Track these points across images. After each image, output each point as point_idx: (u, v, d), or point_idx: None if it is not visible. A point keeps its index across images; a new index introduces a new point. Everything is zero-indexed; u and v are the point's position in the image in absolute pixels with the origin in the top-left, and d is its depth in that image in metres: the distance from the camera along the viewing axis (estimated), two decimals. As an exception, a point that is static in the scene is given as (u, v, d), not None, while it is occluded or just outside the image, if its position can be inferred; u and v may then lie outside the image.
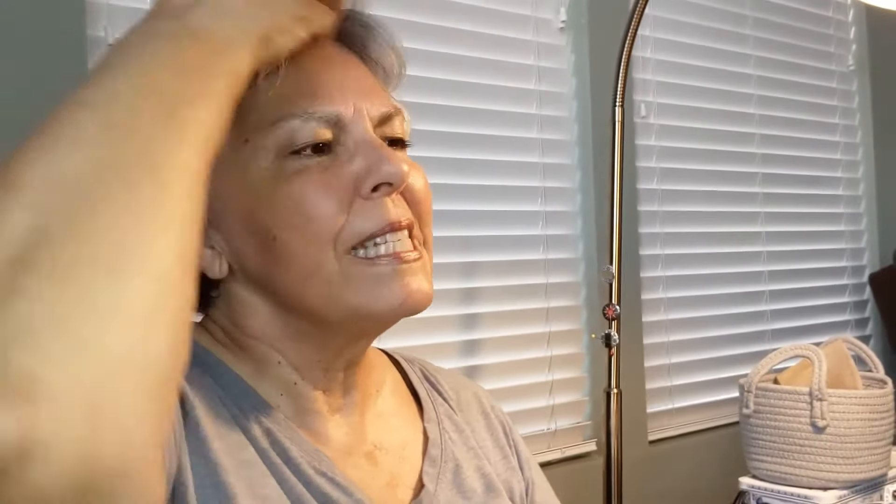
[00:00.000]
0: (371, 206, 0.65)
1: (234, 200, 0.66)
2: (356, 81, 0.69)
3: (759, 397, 1.50)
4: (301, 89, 0.65)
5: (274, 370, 0.69)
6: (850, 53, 2.51)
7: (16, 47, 1.15)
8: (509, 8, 1.72)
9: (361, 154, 0.65)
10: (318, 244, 0.64)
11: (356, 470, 0.70)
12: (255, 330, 0.69)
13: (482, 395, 0.90)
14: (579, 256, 1.81)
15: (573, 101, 1.82)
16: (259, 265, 0.66)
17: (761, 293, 2.20)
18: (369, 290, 0.64)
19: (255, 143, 0.65)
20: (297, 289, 0.65)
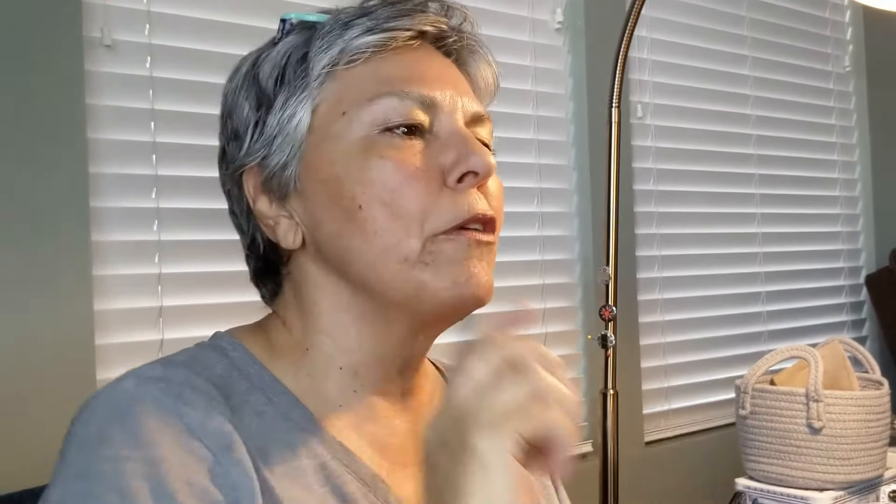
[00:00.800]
0: (458, 195, 0.66)
1: (323, 169, 0.67)
2: (453, 79, 0.71)
3: (756, 398, 1.50)
4: (402, 73, 0.68)
5: (335, 378, 0.69)
6: (846, 54, 2.52)
7: (13, 48, 1.15)
8: (506, 9, 1.72)
9: (452, 144, 0.67)
10: (403, 222, 0.65)
11: (412, 481, 0.70)
12: (322, 317, 0.69)
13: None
14: (575, 257, 1.81)
15: (569, 102, 1.82)
16: (337, 235, 0.67)
17: (758, 294, 2.20)
18: (441, 266, 0.65)
19: (351, 116, 0.67)
20: (371, 260, 0.66)
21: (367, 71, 0.68)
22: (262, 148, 0.69)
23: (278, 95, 0.68)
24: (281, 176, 0.68)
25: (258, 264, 0.74)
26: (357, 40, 0.67)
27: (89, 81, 1.22)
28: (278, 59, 0.69)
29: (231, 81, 0.73)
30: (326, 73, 0.67)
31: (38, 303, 1.15)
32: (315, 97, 0.68)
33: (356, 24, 0.68)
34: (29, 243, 1.15)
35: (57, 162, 1.17)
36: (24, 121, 1.15)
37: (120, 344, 1.24)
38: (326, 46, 0.67)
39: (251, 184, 0.70)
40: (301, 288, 0.71)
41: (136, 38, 1.28)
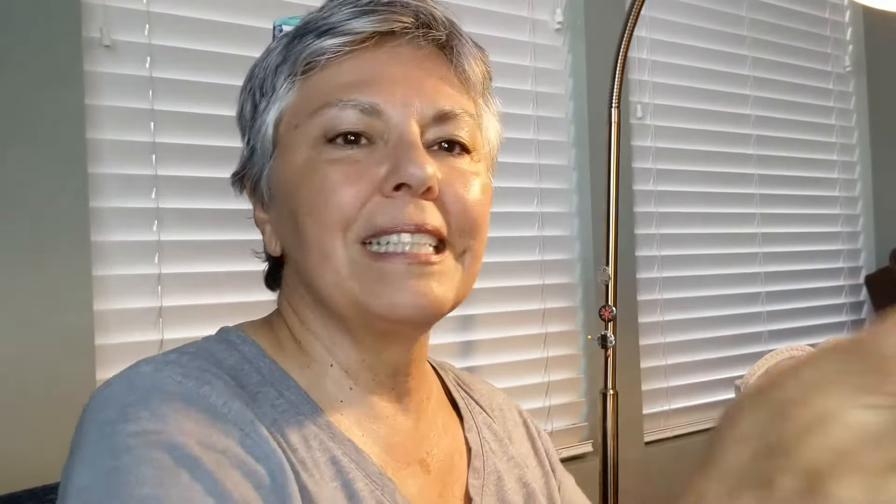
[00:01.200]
0: (388, 203, 0.64)
1: (281, 182, 0.68)
2: (418, 78, 0.67)
3: (756, 398, 1.50)
4: (350, 79, 0.66)
5: (331, 374, 0.69)
6: (846, 54, 2.52)
7: (12, 48, 1.14)
8: (506, 9, 1.72)
9: (391, 153, 0.65)
10: (329, 231, 0.64)
11: (414, 479, 0.70)
12: (308, 321, 0.70)
13: (511, 402, 0.90)
14: (575, 258, 1.81)
15: (569, 103, 1.82)
16: (292, 247, 0.69)
17: (757, 294, 2.20)
18: (372, 285, 0.64)
19: (301, 129, 0.67)
20: (313, 274, 0.66)
21: (322, 80, 0.67)
22: (249, 157, 0.71)
23: (261, 106, 0.70)
24: (258, 184, 0.71)
25: (270, 263, 0.76)
26: (313, 45, 0.66)
27: (89, 82, 1.22)
28: (261, 69, 0.71)
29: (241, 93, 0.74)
30: (289, 83, 0.67)
31: (37, 303, 1.15)
32: (279, 109, 0.68)
33: (313, 28, 0.67)
34: (29, 243, 1.15)
35: (57, 162, 1.17)
36: (24, 121, 1.15)
37: (120, 344, 1.24)
38: (286, 56, 0.68)
39: (246, 189, 0.73)
40: (291, 290, 0.72)
41: (135, 39, 1.28)
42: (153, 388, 0.60)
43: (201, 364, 0.64)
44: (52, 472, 0.97)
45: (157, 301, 1.28)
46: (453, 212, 0.67)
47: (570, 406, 1.77)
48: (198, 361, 0.64)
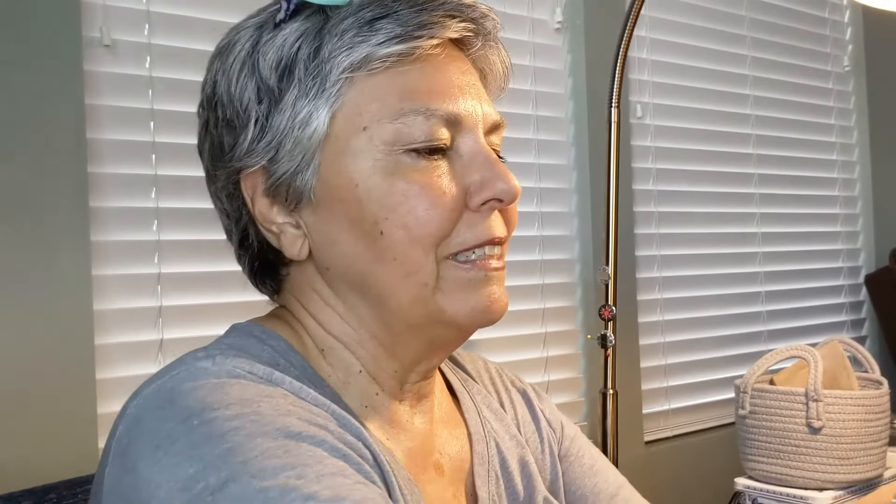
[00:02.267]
0: (479, 218, 0.65)
1: (343, 187, 0.63)
2: (475, 87, 0.67)
3: (755, 398, 1.50)
4: (425, 86, 0.64)
5: (356, 380, 0.68)
6: (846, 54, 2.52)
7: (12, 47, 1.14)
8: (505, 8, 1.72)
9: (476, 166, 0.64)
10: (424, 247, 0.63)
11: (432, 485, 0.69)
12: (334, 329, 0.67)
13: (501, 369, 0.89)
14: (575, 257, 1.81)
15: (569, 102, 1.82)
16: (354, 256, 0.64)
17: (757, 294, 2.20)
18: (458, 294, 0.64)
19: (373, 132, 0.63)
20: (391, 284, 0.64)
21: (388, 81, 0.63)
22: (266, 151, 0.64)
23: (285, 92, 0.63)
24: (291, 184, 0.64)
25: (254, 263, 0.71)
26: (384, 48, 0.62)
27: (88, 81, 1.22)
28: (286, 48, 0.64)
29: (222, 61, 0.68)
30: (346, 77, 0.63)
31: (37, 303, 1.15)
32: (332, 103, 0.63)
33: (381, 26, 0.62)
34: (29, 243, 1.15)
35: (56, 162, 1.17)
36: (24, 121, 1.15)
37: (119, 344, 1.24)
38: (347, 48, 0.62)
39: (250, 185, 0.66)
40: (306, 295, 0.68)
41: (135, 38, 1.28)
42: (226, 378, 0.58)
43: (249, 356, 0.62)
44: (53, 472, 0.97)
45: (157, 301, 1.28)
46: (509, 221, 0.68)
47: (570, 406, 1.77)
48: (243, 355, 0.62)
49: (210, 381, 0.57)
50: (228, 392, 0.56)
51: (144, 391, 0.59)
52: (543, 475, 0.80)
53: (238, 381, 0.57)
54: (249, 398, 0.56)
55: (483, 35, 0.68)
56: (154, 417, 0.56)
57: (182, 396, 0.56)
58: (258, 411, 0.55)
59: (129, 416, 0.57)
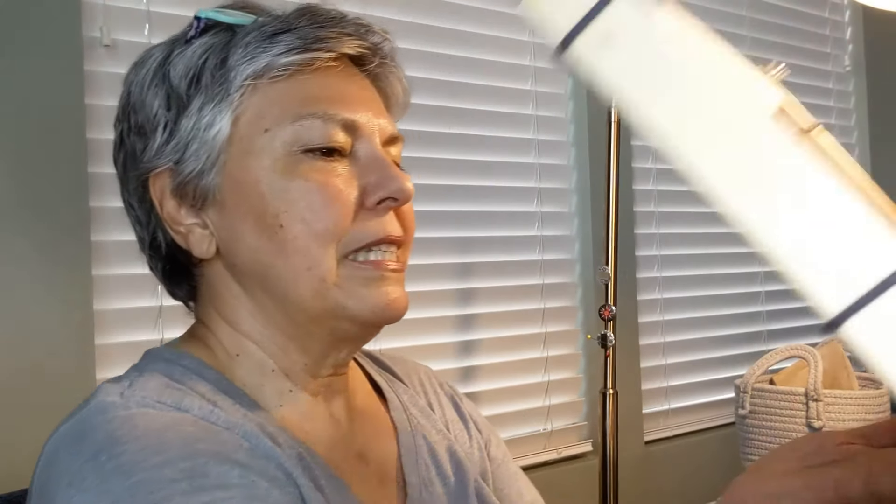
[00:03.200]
0: (374, 216, 0.69)
1: (246, 184, 0.68)
2: (372, 101, 0.73)
3: (755, 398, 1.51)
4: (325, 93, 0.69)
5: (270, 380, 0.71)
6: (846, 54, 2.52)
7: (12, 47, 1.15)
8: (505, 8, 1.72)
9: (372, 168, 0.69)
10: (323, 242, 0.67)
11: (354, 474, 0.72)
12: (244, 326, 0.71)
13: (430, 373, 0.93)
14: (575, 257, 1.81)
15: (569, 102, 1.82)
16: (256, 250, 0.68)
17: (757, 294, 2.20)
18: (357, 290, 0.68)
19: (274, 134, 0.68)
20: (290, 278, 0.67)
21: (289, 88, 0.68)
22: (174, 152, 0.69)
23: (193, 98, 0.68)
24: (197, 184, 0.69)
25: (165, 265, 0.75)
26: (283, 57, 0.67)
27: (89, 81, 1.22)
28: (194, 59, 0.69)
29: (136, 72, 0.72)
30: (248, 84, 0.68)
31: (37, 302, 1.15)
32: (235, 108, 0.68)
33: (281, 39, 0.68)
34: (28, 243, 1.15)
35: (57, 162, 1.17)
36: (24, 121, 1.15)
37: (120, 344, 1.24)
38: (250, 58, 0.67)
39: (159, 186, 0.70)
40: (218, 295, 0.72)
41: (135, 38, 1.28)
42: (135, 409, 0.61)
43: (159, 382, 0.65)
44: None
45: (157, 301, 1.28)
46: (406, 223, 0.72)
47: (570, 406, 1.77)
48: (155, 380, 0.65)
49: (118, 415, 0.60)
50: (136, 424, 0.59)
51: (60, 429, 0.62)
52: (473, 466, 0.83)
53: (146, 411, 0.61)
54: (157, 429, 0.59)
55: (379, 55, 0.74)
56: (67, 455, 0.59)
57: (92, 432, 0.59)
58: (165, 441, 0.58)
59: (46, 454, 0.61)
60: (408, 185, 0.69)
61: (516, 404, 1.67)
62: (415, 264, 1.54)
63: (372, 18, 0.75)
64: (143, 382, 0.64)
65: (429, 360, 1.56)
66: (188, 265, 0.73)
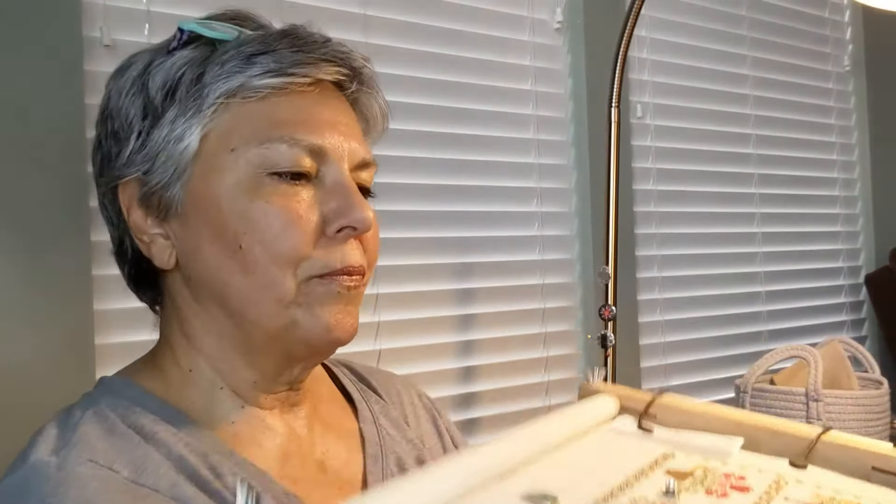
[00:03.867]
0: (335, 244, 0.69)
1: (208, 201, 0.68)
2: (345, 125, 0.72)
3: (756, 398, 1.51)
4: (295, 117, 0.69)
5: (220, 398, 0.72)
6: (846, 54, 2.52)
7: (12, 47, 1.14)
8: (505, 8, 1.72)
9: (335, 194, 0.69)
10: (281, 264, 0.67)
11: (312, 483, 0.73)
12: (197, 341, 0.72)
13: (410, 385, 0.94)
14: (575, 257, 1.81)
15: (569, 102, 1.82)
16: (216, 268, 0.69)
17: (757, 294, 2.20)
18: (313, 307, 0.69)
19: (240, 154, 0.68)
20: (247, 296, 0.68)
21: (260, 109, 0.69)
22: (143, 162, 0.69)
23: (167, 110, 0.69)
24: (162, 195, 0.69)
25: (130, 269, 0.76)
26: (258, 80, 0.68)
27: (89, 81, 1.22)
28: (172, 72, 0.70)
29: (117, 79, 0.73)
30: (221, 102, 0.68)
31: (37, 302, 1.15)
32: (206, 124, 0.68)
33: (258, 61, 0.68)
34: (28, 243, 1.15)
35: (56, 162, 1.17)
36: (24, 120, 1.15)
37: (120, 344, 1.24)
38: (225, 76, 0.68)
39: (127, 194, 0.71)
40: (177, 307, 0.73)
41: (135, 38, 1.28)
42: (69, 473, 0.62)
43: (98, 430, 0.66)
44: None
45: (157, 301, 1.28)
46: (368, 251, 0.72)
47: (570, 406, 1.77)
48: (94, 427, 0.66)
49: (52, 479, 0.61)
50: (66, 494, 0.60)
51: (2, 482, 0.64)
52: None
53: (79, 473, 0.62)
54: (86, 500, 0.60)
55: (358, 80, 0.74)
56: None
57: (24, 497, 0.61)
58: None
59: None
60: (368, 213, 0.69)
61: (516, 404, 1.67)
62: (415, 264, 1.55)
63: (372, 18, 0.75)
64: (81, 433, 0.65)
65: (429, 360, 1.57)
66: (153, 274, 0.74)
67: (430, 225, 1.57)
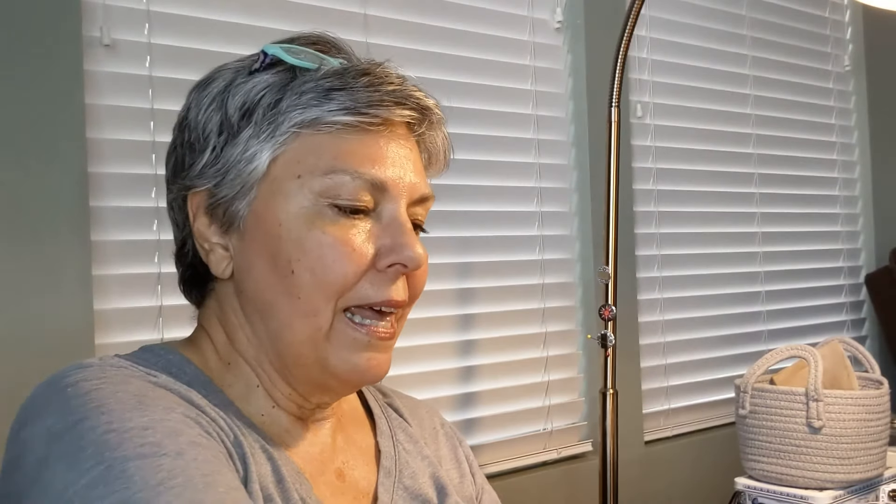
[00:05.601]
0: (383, 279, 0.71)
1: (268, 222, 0.71)
2: (409, 160, 0.75)
3: (756, 398, 1.50)
4: (361, 151, 0.71)
5: (255, 393, 0.75)
6: (846, 54, 2.52)
7: (11, 47, 1.14)
8: (505, 8, 1.72)
9: (390, 232, 0.72)
10: (326, 295, 0.70)
11: (328, 487, 0.75)
12: (240, 344, 0.74)
13: (435, 413, 0.96)
14: (575, 257, 1.81)
15: (569, 102, 1.82)
16: (265, 287, 0.71)
17: (757, 294, 2.20)
18: (342, 350, 0.71)
19: (304, 181, 0.70)
20: (290, 319, 0.71)
21: (329, 142, 0.71)
22: (215, 176, 0.72)
23: (242, 130, 0.71)
24: (227, 209, 0.72)
25: (187, 272, 0.78)
26: (332, 115, 0.70)
27: (88, 81, 1.22)
28: (252, 94, 0.72)
29: (199, 92, 0.75)
30: (294, 131, 0.71)
31: (37, 302, 1.15)
32: (276, 149, 0.71)
33: (335, 97, 0.70)
34: (28, 243, 1.15)
35: (56, 162, 1.17)
36: (23, 120, 1.15)
37: (120, 343, 1.24)
38: (302, 107, 0.70)
39: (196, 203, 0.74)
40: (223, 312, 0.76)
41: (135, 38, 1.28)
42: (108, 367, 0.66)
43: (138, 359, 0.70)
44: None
45: (157, 300, 1.28)
46: (412, 285, 0.75)
47: (570, 405, 1.77)
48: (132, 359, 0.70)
49: (92, 367, 0.66)
50: (106, 371, 0.65)
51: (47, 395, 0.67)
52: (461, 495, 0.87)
53: (119, 369, 0.66)
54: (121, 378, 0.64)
55: (427, 122, 0.77)
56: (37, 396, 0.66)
57: (62, 378, 0.65)
58: (127, 380, 0.64)
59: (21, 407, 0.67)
60: (419, 251, 0.71)
61: (516, 404, 1.67)
62: (415, 264, 1.54)
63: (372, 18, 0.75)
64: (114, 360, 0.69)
65: (429, 360, 1.57)
66: (206, 278, 0.77)
67: (430, 224, 1.56)
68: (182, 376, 0.71)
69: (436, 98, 0.78)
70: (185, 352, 0.75)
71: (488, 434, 1.62)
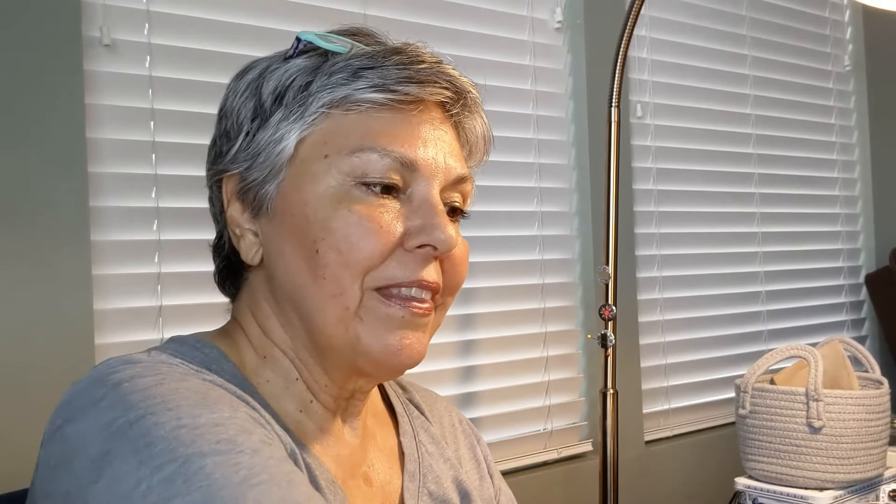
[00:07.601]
0: (410, 258, 0.69)
1: (295, 204, 0.69)
2: (444, 142, 0.72)
3: (756, 398, 1.50)
4: (391, 130, 0.70)
5: (294, 386, 0.73)
6: (846, 54, 2.52)
7: (11, 47, 1.14)
8: (505, 8, 1.72)
9: (421, 212, 0.69)
10: (351, 273, 0.67)
11: (357, 491, 0.74)
12: (274, 335, 0.73)
13: (452, 408, 0.95)
14: (575, 257, 1.81)
15: (569, 102, 1.82)
16: (292, 271, 0.70)
17: (757, 294, 2.20)
18: (375, 327, 0.69)
19: (332, 161, 0.69)
20: (317, 304, 0.69)
21: (359, 121, 0.69)
22: (246, 160, 0.71)
23: (274, 113, 0.71)
24: (257, 192, 0.71)
25: (222, 263, 0.77)
26: (361, 94, 0.69)
27: (88, 81, 1.22)
28: (284, 78, 0.71)
29: (237, 81, 0.75)
30: (323, 111, 0.70)
31: (37, 302, 1.15)
32: (304, 129, 0.70)
33: (365, 75, 0.69)
34: (28, 243, 1.15)
35: (57, 161, 1.17)
36: (23, 120, 1.15)
37: (120, 343, 1.24)
38: (331, 87, 0.69)
39: (229, 188, 0.73)
40: (256, 301, 0.74)
41: (135, 38, 1.28)
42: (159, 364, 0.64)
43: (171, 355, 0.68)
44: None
45: (157, 300, 1.28)
46: (448, 272, 0.72)
47: (570, 405, 1.77)
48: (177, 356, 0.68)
49: (143, 362, 0.64)
50: (159, 368, 0.63)
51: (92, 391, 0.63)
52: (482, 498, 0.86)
53: (171, 367, 0.64)
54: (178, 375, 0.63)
55: (462, 103, 0.75)
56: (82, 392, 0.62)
57: (112, 374, 0.62)
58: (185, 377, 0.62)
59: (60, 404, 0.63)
60: (450, 233, 0.69)
61: (516, 404, 1.67)
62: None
63: (372, 19, 0.75)
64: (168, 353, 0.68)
65: (429, 359, 1.57)
66: (239, 269, 0.76)
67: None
68: (222, 374, 0.69)
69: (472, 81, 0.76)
70: (220, 345, 0.73)
71: (488, 434, 1.62)
